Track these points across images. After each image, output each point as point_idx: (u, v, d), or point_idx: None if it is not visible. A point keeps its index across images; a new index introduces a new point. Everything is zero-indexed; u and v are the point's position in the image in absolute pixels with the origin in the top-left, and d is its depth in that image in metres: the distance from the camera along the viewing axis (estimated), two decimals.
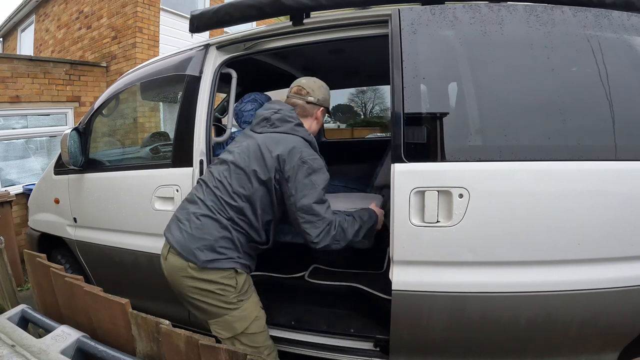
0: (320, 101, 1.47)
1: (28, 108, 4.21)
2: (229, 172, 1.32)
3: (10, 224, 3.15)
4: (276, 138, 1.33)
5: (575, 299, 1.16)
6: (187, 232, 1.28)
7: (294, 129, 1.36)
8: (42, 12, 6.99)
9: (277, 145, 1.30)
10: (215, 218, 1.28)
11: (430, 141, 1.25)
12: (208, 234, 1.26)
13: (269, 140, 1.32)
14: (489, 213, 1.18)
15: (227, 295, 1.27)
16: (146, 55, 5.01)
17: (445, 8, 1.33)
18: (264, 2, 1.49)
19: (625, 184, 1.15)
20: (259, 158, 1.29)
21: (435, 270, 1.23)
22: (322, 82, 1.52)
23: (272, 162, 1.28)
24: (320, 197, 1.28)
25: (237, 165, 1.31)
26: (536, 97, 1.23)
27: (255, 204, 1.29)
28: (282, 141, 1.31)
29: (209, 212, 1.28)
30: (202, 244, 1.25)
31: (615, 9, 1.29)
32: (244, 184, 1.29)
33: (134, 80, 2.05)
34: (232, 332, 1.28)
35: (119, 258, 1.90)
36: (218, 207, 1.29)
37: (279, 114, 1.38)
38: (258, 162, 1.29)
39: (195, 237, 1.26)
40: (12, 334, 0.98)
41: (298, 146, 1.30)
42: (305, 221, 1.27)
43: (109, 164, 2.14)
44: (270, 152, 1.28)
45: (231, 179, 1.30)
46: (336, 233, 1.29)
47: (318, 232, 1.27)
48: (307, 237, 1.29)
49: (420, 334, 1.29)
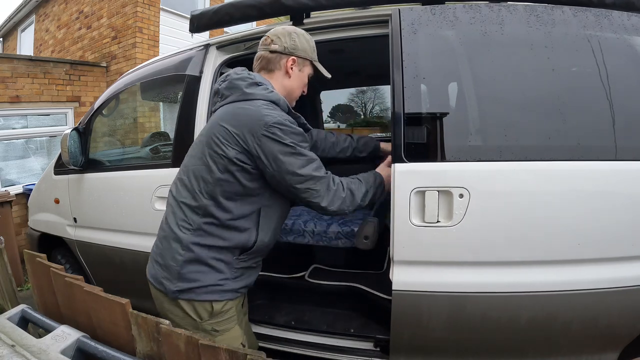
0: (287, 49, 1.16)
1: (28, 108, 4.21)
2: (187, 171, 1.11)
3: (10, 224, 3.15)
4: (228, 111, 1.07)
5: (576, 299, 1.16)
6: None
7: (245, 94, 1.07)
8: (42, 12, 6.99)
9: (230, 119, 1.04)
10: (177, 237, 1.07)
11: (431, 141, 1.25)
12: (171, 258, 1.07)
13: (219, 116, 1.07)
14: (489, 213, 1.18)
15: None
16: (146, 55, 5.02)
17: (445, 8, 1.33)
18: (264, 2, 1.49)
19: (625, 184, 1.15)
20: (211, 142, 1.05)
21: (435, 270, 1.23)
22: (299, 29, 1.23)
23: (228, 141, 1.03)
24: (305, 158, 1.06)
25: (193, 157, 1.11)
26: (536, 97, 1.23)
27: (218, 197, 1.05)
28: (235, 114, 1.05)
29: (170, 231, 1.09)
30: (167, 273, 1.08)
31: (616, 9, 1.29)
32: (203, 177, 1.06)
33: (134, 80, 2.04)
34: None
35: (119, 258, 1.89)
36: (181, 218, 1.08)
37: (226, 81, 1.13)
38: (211, 146, 1.05)
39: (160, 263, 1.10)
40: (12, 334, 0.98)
41: (255, 112, 1.03)
42: (302, 191, 1.06)
43: (109, 164, 2.14)
44: (224, 129, 1.03)
45: (190, 178, 1.09)
46: (345, 197, 1.12)
47: (322, 196, 1.07)
48: (315, 205, 1.08)
49: (420, 334, 1.29)
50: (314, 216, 1.83)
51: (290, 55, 1.18)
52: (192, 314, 1.08)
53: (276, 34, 1.18)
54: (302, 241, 1.77)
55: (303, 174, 1.05)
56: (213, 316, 1.09)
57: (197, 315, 1.08)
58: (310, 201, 1.08)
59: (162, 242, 1.11)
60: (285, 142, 1.03)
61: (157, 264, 1.11)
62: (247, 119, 1.03)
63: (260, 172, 1.07)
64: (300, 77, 1.22)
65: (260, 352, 0.78)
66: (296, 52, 1.18)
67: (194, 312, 1.08)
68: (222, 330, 1.11)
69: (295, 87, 1.22)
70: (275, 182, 1.07)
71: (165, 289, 1.07)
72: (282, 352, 1.56)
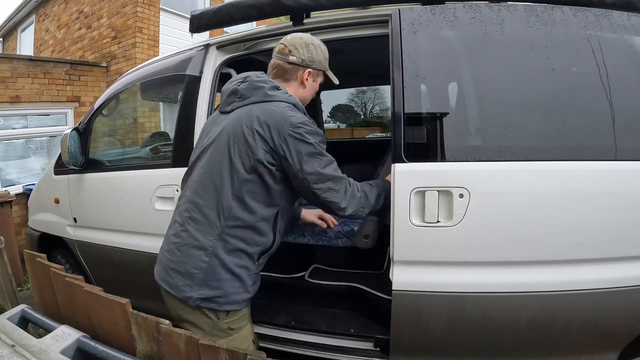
0: (305, 62, 1.18)
1: (28, 108, 4.21)
2: (208, 173, 1.10)
3: (10, 224, 3.15)
4: (251, 111, 1.08)
5: (576, 299, 1.16)
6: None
7: (267, 95, 1.10)
8: (42, 12, 6.99)
9: (255, 119, 1.06)
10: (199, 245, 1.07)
11: (431, 141, 1.25)
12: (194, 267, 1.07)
13: (243, 116, 1.08)
14: (489, 213, 1.18)
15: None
16: (146, 55, 5.02)
17: (445, 8, 1.33)
18: (264, 2, 1.49)
19: (625, 184, 1.15)
20: (238, 141, 1.06)
21: (435, 270, 1.23)
22: (315, 38, 1.23)
23: (255, 141, 1.04)
24: (326, 159, 1.10)
25: (213, 159, 1.10)
26: (536, 97, 1.23)
27: (244, 198, 1.06)
28: (260, 113, 1.07)
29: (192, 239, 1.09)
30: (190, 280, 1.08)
31: (616, 9, 1.29)
32: (230, 178, 1.06)
33: (134, 80, 2.05)
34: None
35: (119, 258, 1.89)
36: (202, 225, 1.08)
37: (246, 82, 1.14)
38: (237, 146, 1.06)
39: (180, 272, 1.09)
40: (12, 334, 0.98)
41: (280, 113, 1.06)
42: (323, 190, 1.08)
43: (109, 164, 2.14)
44: (250, 130, 1.05)
45: (214, 180, 1.08)
46: (360, 197, 1.15)
47: (342, 196, 1.10)
48: (334, 205, 1.11)
49: (420, 334, 1.29)
50: None
51: (307, 68, 1.20)
52: (211, 315, 1.11)
53: (294, 44, 1.19)
54: (302, 241, 1.77)
55: (325, 174, 1.08)
56: (229, 316, 1.12)
57: (215, 316, 1.11)
58: (331, 201, 1.10)
59: (181, 250, 1.09)
60: (310, 142, 1.06)
61: (176, 272, 1.10)
62: (274, 120, 1.05)
63: (283, 174, 1.09)
64: (313, 86, 1.26)
65: (260, 352, 0.78)
66: (313, 65, 1.21)
67: (213, 314, 1.10)
68: (237, 328, 1.14)
69: (307, 96, 1.26)
70: (297, 182, 1.09)
71: (187, 297, 1.07)
72: (282, 352, 1.56)
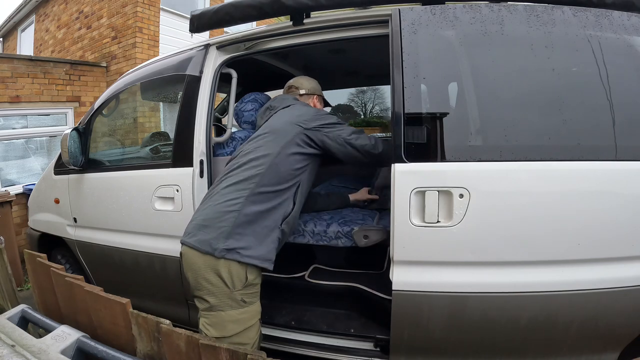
0: (310, 90, 1.66)
1: (28, 108, 4.21)
2: (254, 150, 1.34)
3: (10, 224, 3.15)
4: (286, 112, 1.46)
5: (576, 299, 1.16)
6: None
7: (294, 100, 1.56)
8: (42, 12, 6.99)
9: (291, 115, 1.43)
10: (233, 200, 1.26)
11: (431, 141, 1.25)
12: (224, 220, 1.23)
13: (281, 115, 1.45)
14: (489, 213, 1.18)
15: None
16: (146, 55, 5.02)
17: (445, 8, 1.33)
18: (264, 2, 1.49)
19: (625, 184, 1.15)
20: (280, 129, 1.37)
21: (435, 270, 1.23)
22: (307, 76, 1.73)
23: (293, 128, 1.36)
24: (349, 127, 1.46)
25: (255, 140, 1.38)
26: (536, 97, 1.23)
27: (280, 170, 1.30)
28: (293, 110, 1.46)
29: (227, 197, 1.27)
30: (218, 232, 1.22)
31: (616, 9, 1.29)
32: (264, 151, 1.32)
33: (134, 80, 2.05)
34: (221, 332, 1.20)
35: (119, 258, 1.90)
36: (237, 187, 1.28)
37: (277, 99, 1.57)
38: (280, 131, 1.37)
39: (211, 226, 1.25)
40: (12, 334, 0.98)
41: (306, 108, 1.49)
42: (358, 146, 1.43)
43: (109, 164, 2.14)
44: (289, 121, 1.39)
45: (257, 157, 1.32)
46: (375, 142, 1.48)
47: (371, 142, 1.45)
48: (368, 151, 1.45)
49: (420, 334, 1.29)
50: (314, 216, 1.83)
51: (314, 95, 1.68)
52: (228, 282, 1.19)
53: (298, 82, 1.69)
54: (302, 241, 1.77)
55: (352, 133, 1.44)
56: (245, 287, 1.22)
57: (232, 283, 1.20)
58: (365, 150, 1.45)
59: (215, 207, 1.25)
60: (331, 122, 1.43)
61: (206, 227, 1.22)
62: (304, 111, 1.45)
63: (314, 155, 1.40)
64: (320, 108, 1.70)
65: (260, 352, 0.78)
66: (316, 92, 1.70)
67: (229, 280, 1.19)
68: (249, 302, 1.24)
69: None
70: (337, 147, 1.41)
71: (213, 248, 1.18)
72: (282, 352, 1.56)
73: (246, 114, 1.91)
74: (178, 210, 1.65)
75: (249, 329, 1.24)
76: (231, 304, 1.21)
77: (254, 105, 1.91)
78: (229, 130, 1.85)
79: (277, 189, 1.29)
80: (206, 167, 1.64)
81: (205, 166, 1.64)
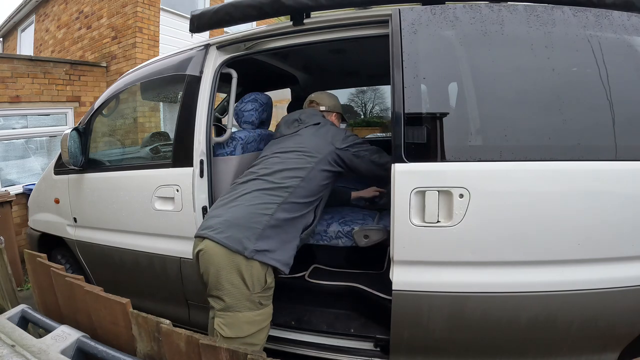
0: (330, 107, 1.77)
1: (28, 108, 4.21)
2: (285, 160, 1.43)
3: (10, 224, 3.14)
4: (318, 131, 1.56)
5: (576, 299, 1.16)
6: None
7: (324, 119, 1.65)
8: (42, 12, 6.99)
9: (325, 135, 1.54)
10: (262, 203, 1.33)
11: (431, 141, 1.25)
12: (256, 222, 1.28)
13: (313, 133, 1.55)
14: (489, 213, 1.18)
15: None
16: (146, 55, 5.01)
17: (445, 8, 1.33)
18: (264, 2, 1.49)
19: (625, 184, 1.15)
20: (314, 146, 1.47)
21: (435, 270, 1.23)
22: (329, 92, 1.85)
23: (326, 147, 1.48)
24: (370, 146, 1.60)
25: (289, 151, 1.46)
26: (536, 97, 1.23)
27: (311, 184, 1.40)
28: (326, 130, 1.56)
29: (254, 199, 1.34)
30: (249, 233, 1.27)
31: (616, 9, 1.29)
32: (299, 164, 1.41)
33: (134, 80, 2.04)
34: (236, 332, 1.23)
35: (119, 258, 1.90)
36: (266, 192, 1.34)
37: (306, 113, 1.66)
38: (315, 149, 1.46)
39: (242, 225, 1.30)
40: (12, 334, 0.98)
41: (336, 128, 1.62)
42: (381, 164, 1.57)
43: (109, 163, 2.14)
44: (323, 141, 1.50)
45: (289, 167, 1.40)
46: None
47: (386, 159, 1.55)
48: (388, 169, 1.45)
49: (420, 334, 1.29)
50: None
51: (333, 112, 1.78)
52: (249, 283, 1.24)
53: (319, 98, 1.82)
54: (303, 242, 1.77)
55: (370, 149, 1.59)
56: (263, 290, 1.28)
57: (252, 285, 1.25)
58: (382, 165, 1.57)
59: (248, 208, 1.31)
60: (358, 142, 1.56)
61: (237, 226, 1.26)
62: (339, 133, 1.56)
63: (337, 172, 1.52)
64: (337, 124, 1.79)
65: (261, 352, 0.78)
66: (335, 109, 1.81)
67: (250, 281, 1.24)
68: (264, 304, 1.30)
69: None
70: (363, 164, 1.55)
71: (244, 247, 1.23)
72: (282, 352, 1.56)
73: (246, 114, 1.91)
74: (178, 210, 1.65)
75: (262, 330, 1.29)
76: (249, 305, 1.25)
77: (254, 105, 1.91)
78: (229, 130, 1.85)
79: (305, 201, 1.39)
80: (206, 167, 1.64)
81: (205, 166, 1.64)
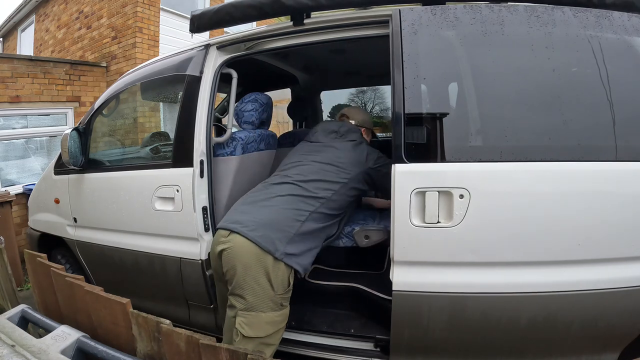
0: (360, 122, 1.82)
1: (28, 108, 4.20)
2: (320, 171, 1.47)
3: (10, 224, 3.14)
4: (356, 148, 1.60)
5: (576, 300, 1.16)
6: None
7: (360, 137, 1.70)
8: (42, 12, 6.99)
9: (361, 154, 1.59)
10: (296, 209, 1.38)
11: (431, 142, 1.25)
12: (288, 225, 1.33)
13: (350, 149, 1.59)
14: (489, 214, 1.19)
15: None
16: (146, 55, 5.01)
17: (446, 8, 1.33)
18: (264, 2, 1.49)
19: (625, 185, 1.15)
20: (351, 163, 1.52)
21: (435, 271, 1.23)
22: (360, 107, 2.00)
23: (361, 166, 1.55)
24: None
25: (326, 163, 1.50)
26: (537, 97, 1.23)
27: (343, 197, 1.47)
28: (363, 150, 1.62)
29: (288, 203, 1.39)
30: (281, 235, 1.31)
31: (616, 9, 1.29)
32: (334, 178, 1.46)
33: (134, 80, 2.04)
34: (257, 332, 1.25)
35: (119, 258, 1.89)
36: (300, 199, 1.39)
37: (345, 127, 1.70)
38: (351, 166, 1.52)
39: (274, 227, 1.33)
40: (12, 334, 0.98)
41: (370, 148, 1.66)
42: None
43: (109, 164, 2.14)
44: (359, 159, 1.56)
45: (323, 179, 1.45)
46: None
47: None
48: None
49: (420, 334, 1.29)
50: None
51: (363, 127, 1.80)
52: (274, 284, 1.28)
53: (350, 112, 1.87)
54: None
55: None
56: (285, 292, 1.33)
57: (277, 286, 1.29)
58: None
59: (283, 211, 1.36)
60: (387, 162, 1.48)
61: (271, 227, 1.31)
62: (373, 153, 1.62)
63: (363, 191, 1.59)
64: (367, 139, 1.82)
65: (260, 352, 0.78)
66: (365, 125, 1.84)
67: (276, 282, 1.28)
68: (284, 306, 1.35)
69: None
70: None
71: (276, 248, 1.28)
72: (282, 352, 1.56)
73: (246, 114, 1.91)
74: (178, 211, 1.65)
75: (279, 331, 1.33)
76: (272, 306, 1.29)
77: (254, 106, 1.91)
78: (229, 130, 1.85)
79: (333, 213, 1.46)
80: (206, 167, 1.64)
81: (206, 166, 1.64)
